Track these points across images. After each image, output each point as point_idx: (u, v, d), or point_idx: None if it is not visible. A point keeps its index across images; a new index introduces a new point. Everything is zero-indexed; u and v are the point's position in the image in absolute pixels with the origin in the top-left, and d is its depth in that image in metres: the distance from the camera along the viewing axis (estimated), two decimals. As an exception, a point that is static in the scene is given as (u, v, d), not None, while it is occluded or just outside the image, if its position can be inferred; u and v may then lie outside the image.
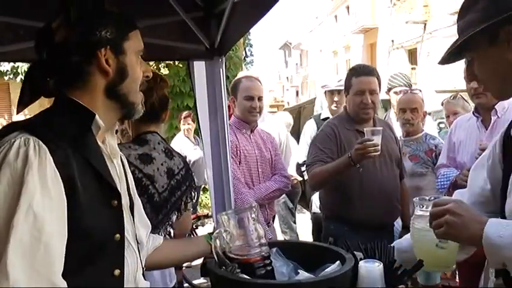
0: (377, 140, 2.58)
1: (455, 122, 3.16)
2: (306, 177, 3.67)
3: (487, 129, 2.81)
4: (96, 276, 1.21)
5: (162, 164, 2.30)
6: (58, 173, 1.13)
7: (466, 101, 3.92)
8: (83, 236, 1.17)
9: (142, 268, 1.47)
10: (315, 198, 4.21)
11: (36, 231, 1.05)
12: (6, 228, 1.03)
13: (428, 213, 1.44)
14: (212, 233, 1.77)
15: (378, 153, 2.60)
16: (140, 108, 1.40)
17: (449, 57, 1.51)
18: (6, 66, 11.89)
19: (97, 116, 1.27)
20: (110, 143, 1.39)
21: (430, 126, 4.15)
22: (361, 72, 2.90)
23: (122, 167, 1.45)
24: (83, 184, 1.18)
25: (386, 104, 4.75)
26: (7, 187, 1.06)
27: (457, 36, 1.47)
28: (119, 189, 1.32)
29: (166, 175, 2.31)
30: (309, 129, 4.41)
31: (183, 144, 6.45)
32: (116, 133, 1.53)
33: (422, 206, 1.60)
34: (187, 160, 2.76)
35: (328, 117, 4.07)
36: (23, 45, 2.56)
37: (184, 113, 6.84)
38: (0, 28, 2.60)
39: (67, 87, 1.29)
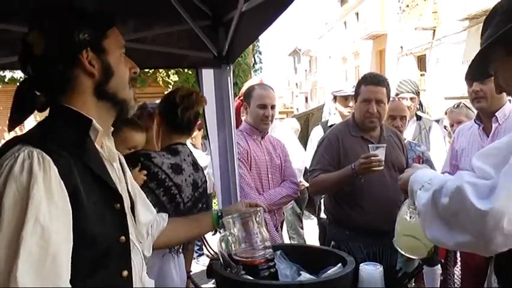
0: (381, 155, 2.64)
1: (458, 130, 3.18)
2: None
3: (488, 137, 2.83)
4: (105, 279, 1.24)
5: (189, 176, 2.39)
6: (62, 183, 1.14)
7: (469, 109, 3.94)
8: (89, 241, 1.19)
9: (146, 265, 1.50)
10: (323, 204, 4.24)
11: (44, 242, 1.07)
12: (16, 241, 1.05)
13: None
14: (221, 213, 1.86)
15: (381, 168, 2.65)
16: (133, 104, 1.40)
17: (479, 74, 1.56)
18: (19, 73, 11.99)
19: (94, 121, 1.28)
20: (107, 147, 1.40)
21: (437, 134, 4.14)
22: (370, 81, 2.92)
23: (120, 168, 1.48)
24: (85, 191, 1.20)
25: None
26: (14, 201, 1.08)
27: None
28: (120, 191, 1.33)
29: (192, 187, 2.39)
30: (316, 136, 4.44)
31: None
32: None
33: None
34: None
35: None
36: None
37: None
38: (13, 37, 2.66)
39: (59, 96, 1.29)
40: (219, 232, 1.89)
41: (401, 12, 21.82)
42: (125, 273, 1.29)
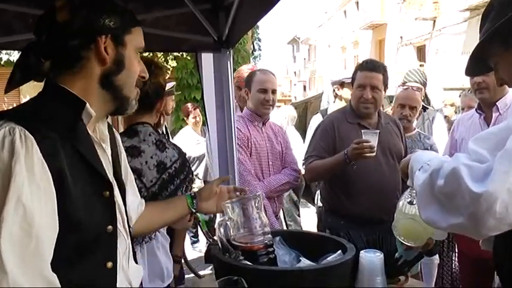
0: (373, 141, 2.60)
1: (457, 119, 3.16)
2: None
3: (489, 126, 2.81)
4: (88, 268, 1.20)
5: (151, 157, 2.19)
6: (45, 164, 1.10)
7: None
8: (74, 228, 1.15)
9: (134, 252, 1.46)
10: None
11: (27, 225, 1.04)
12: None
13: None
14: (194, 195, 1.79)
15: (373, 155, 2.61)
16: (134, 104, 1.38)
17: (478, 68, 1.55)
18: (16, 55, 11.92)
19: (87, 105, 1.24)
20: (100, 129, 1.37)
21: (440, 124, 4.12)
22: (366, 67, 2.90)
23: (116, 148, 1.46)
24: (73, 175, 1.15)
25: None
26: None
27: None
28: (110, 179, 1.30)
29: (156, 169, 2.20)
30: (316, 124, 4.42)
31: (187, 138, 6.36)
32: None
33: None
34: (188, 156, 2.65)
35: None
36: (32, 35, 2.58)
37: (190, 105, 6.65)
38: (10, 17, 2.63)
39: (60, 74, 1.25)
40: (195, 215, 1.85)
41: (401, 2, 21.76)
42: (109, 264, 1.25)
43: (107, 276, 1.26)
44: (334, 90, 4.56)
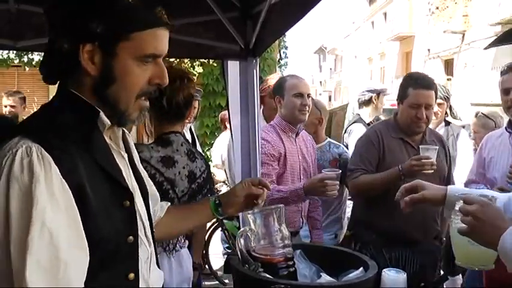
0: (433, 157, 2.57)
1: (486, 138, 3.08)
2: None
3: None
4: (110, 281, 1.16)
5: (183, 168, 2.22)
6: (65, 183, 1.06)
7: (488, 117, 3.87)
8: (96, 241, 1.10)
9: (157, 257, 1.41)
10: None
11: (54, 249, 1.00)
12: (23, 248, 0.98)
13: None
14: (219, 202, 1.72)
15: (432, 171, 2.55)
16: (134, 118, 1.24)
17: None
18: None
19: (101, 113, 1.17)
20: (116, 135, 1.29)
21: (465, 140, 4.04)
22: (421, 84, 2.78)
23: (131, 153, 1.38)
24: (92, 188, 1.10)
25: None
26: (19, 203, 1.00)
27: (497, 48, 1.43)
28: (130, 188, 1.24)
29: (188, 179, 2.23)
30: (358, 132, 4.31)
31: (225, 142, 6.24)
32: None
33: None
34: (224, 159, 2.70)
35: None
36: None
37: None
38: (42, 19, 2.66)
39: (67, 79, 1.19)
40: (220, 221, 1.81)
41: (430, 14, 21.53)
42: (131, 275, 1.21)
43: (128, 286, 1.22)
44: (363, 98, 4.57)
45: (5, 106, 5.00)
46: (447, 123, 4.05)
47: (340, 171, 2.67)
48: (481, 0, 17.63)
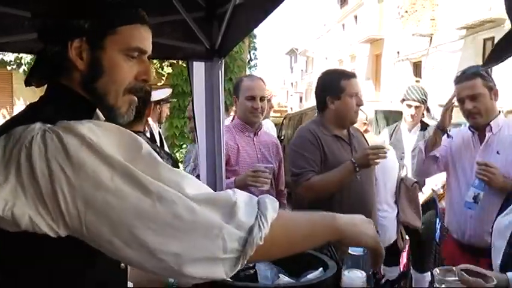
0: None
1: (457, 131, 3.13)
2: None
3: (481, 145, 2.82)
4: (106, 269, 1.15)
5: None
6: None
7: None
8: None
9: None
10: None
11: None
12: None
13: None
14: None
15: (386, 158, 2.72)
16: (123, 113, 1.24)
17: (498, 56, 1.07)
18: (10, 56, 11.90)
19: (97, 110, 1.17)
20: None
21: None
22: (349, 75, 2.94)
23: None
24: None
25: (393, 115, 4.71)
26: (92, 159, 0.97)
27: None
28: None
29: None
30: None
31: None
32: None
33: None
34: None
35: None
36: (27, 37, 2.55)
37: None
38: (5, 18, 2.60)
39: (58, 75, 1.18)
40: None
41: (399, 18, 21.89)
42: (123, 265, 1.22)
43: (121, 276, 1.24)
44: None
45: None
46: (424, 126, 4.10)
47: (273, 165, 2.76)
48: (447, 4, 18.02)
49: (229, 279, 1.50)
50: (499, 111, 2.90)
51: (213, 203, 1.01)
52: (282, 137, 10.65)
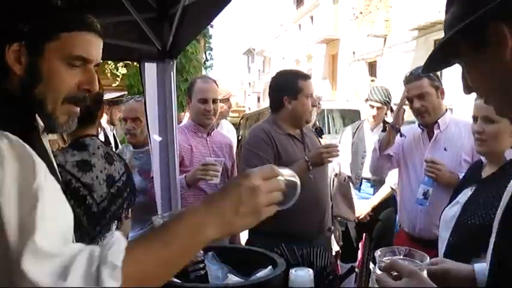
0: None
1: (408, 128, 3.22)
2: None
3: (430, 142, 2.94)
4: None
5: (101, 171, 2.14)
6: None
7: None
8: None
9: None
10: None
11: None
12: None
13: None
14: None
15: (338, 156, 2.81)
16: (62, 123, 1.19)
17: (435, 64, 1.13)
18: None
19: (36, 115, 1.14)
20: (46, 140, 1.25)
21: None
22: (305, 76, 3.01)
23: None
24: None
25: (349, 114, 4.70)
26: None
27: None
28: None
29: (106, 183, 2.15)
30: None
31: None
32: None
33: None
34: None
35: None
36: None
37: None
38: None
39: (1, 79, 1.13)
40: None
41: (354, 19, 22.26)
42: None
43: None
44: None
45: None
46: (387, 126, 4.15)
47: (223, 159, 2.79)
48: (400, 6, 18.46)
49: (178, 281, 1.51)
50: (446, 109, 3.03)
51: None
52: (240, 137, 10.67)
